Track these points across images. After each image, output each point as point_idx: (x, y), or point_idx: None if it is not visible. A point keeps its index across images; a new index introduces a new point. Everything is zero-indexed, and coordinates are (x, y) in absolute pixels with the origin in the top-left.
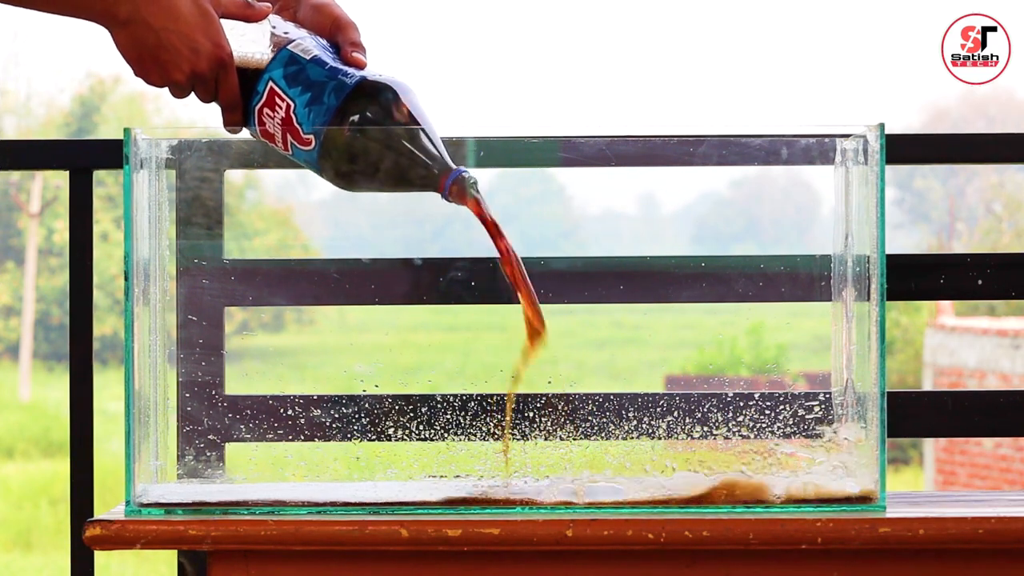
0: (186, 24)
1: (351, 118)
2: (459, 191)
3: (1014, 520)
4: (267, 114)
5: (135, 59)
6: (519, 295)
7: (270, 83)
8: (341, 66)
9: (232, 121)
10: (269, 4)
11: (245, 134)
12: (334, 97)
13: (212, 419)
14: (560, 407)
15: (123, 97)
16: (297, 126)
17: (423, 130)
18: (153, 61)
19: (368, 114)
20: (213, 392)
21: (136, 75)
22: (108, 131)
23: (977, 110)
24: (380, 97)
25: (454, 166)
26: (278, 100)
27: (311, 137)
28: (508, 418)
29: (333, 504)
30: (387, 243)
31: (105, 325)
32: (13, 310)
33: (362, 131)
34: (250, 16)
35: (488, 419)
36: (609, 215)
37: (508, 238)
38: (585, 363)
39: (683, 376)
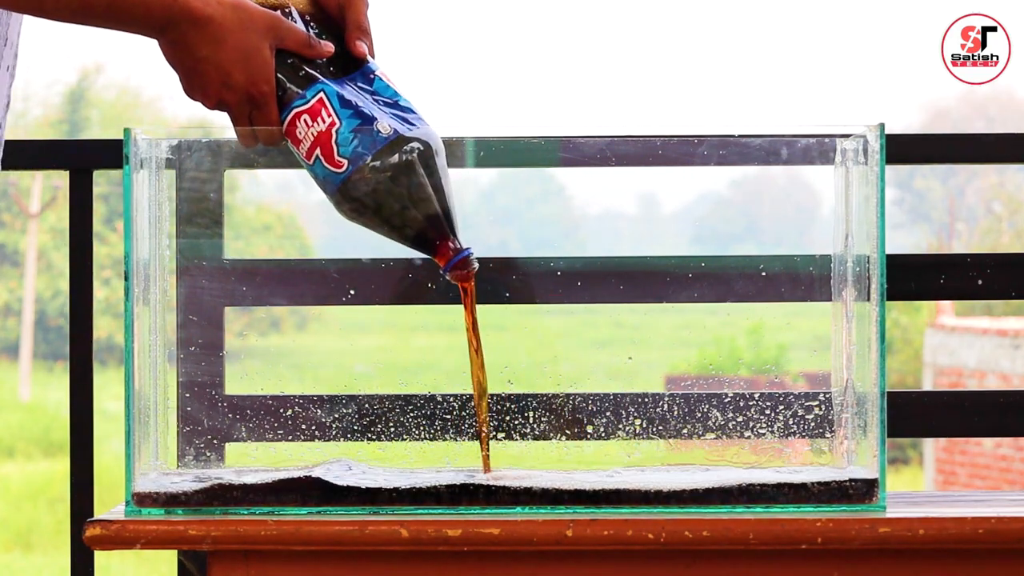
0: (225, 57)
1: (391, 161)
2: (462, 274)
3: (1014, 520)
4: (305, 121)
5: (175, 70)
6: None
7: (321, 94)
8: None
9: (252, 141)
10: (331, 44)
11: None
12: (383, 139)
13: (212, 419)
14: (557, 407)
15: (117, 90)
16: (334, 145)
17: (448, 199)
18: (187, 80)
19: (410, 167)
20: (213, 392)
21: (179, 82)
22: (100, 125)
23: (977, 110)
24: (425, 156)
25: (462, 245)
26: (324, 114)
27: (344, 162)
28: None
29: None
30: (387, 243)
31: (99, 328)
32: (12, 310)
33: (395, 183)
34: (309, 55)
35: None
36: (609, 215)
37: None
38: (585, 363)
39: (683, 376)
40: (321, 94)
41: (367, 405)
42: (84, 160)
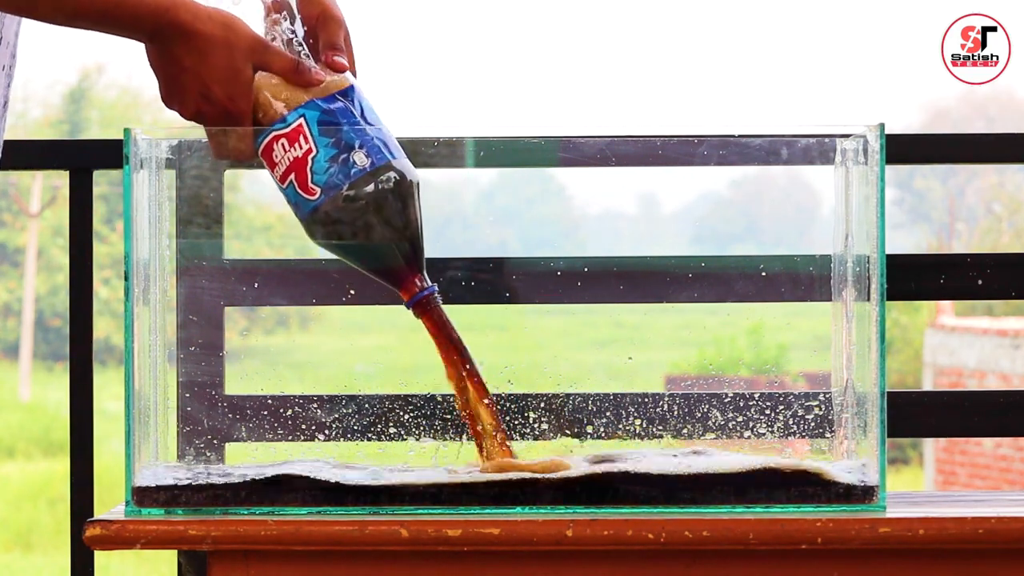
0: (207, 72)
1: (366, 191)
2: (422, 312)
3: (1014, 520)
4: (282, 145)
5: (156, 76)
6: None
7: (302, 119)
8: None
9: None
10: (322, 75)
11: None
12: (357, 170)
13: (212, 419)
14: (557, 408)
15: (118, 90)
16: (308, 173)
17: (418, 233)
18: (167, 87)
19: (381, 200)
20: (213, 392)
21: (159, 88)
22: (100, 125)
23: (977, 110)
24: (400, 190)
25: (428, 283)
26: (302, 140)
27: (317, 190)
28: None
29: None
30: None
31: (99, 328)
32: (12, 310)
33: (368, 214)
34: (294, 82)
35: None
36: (609, 215)
37: (470, 358)
38: (585, 363)
39: (683, 376)
40: (301, 119)
41: (367, 405)
42: (84, 160)
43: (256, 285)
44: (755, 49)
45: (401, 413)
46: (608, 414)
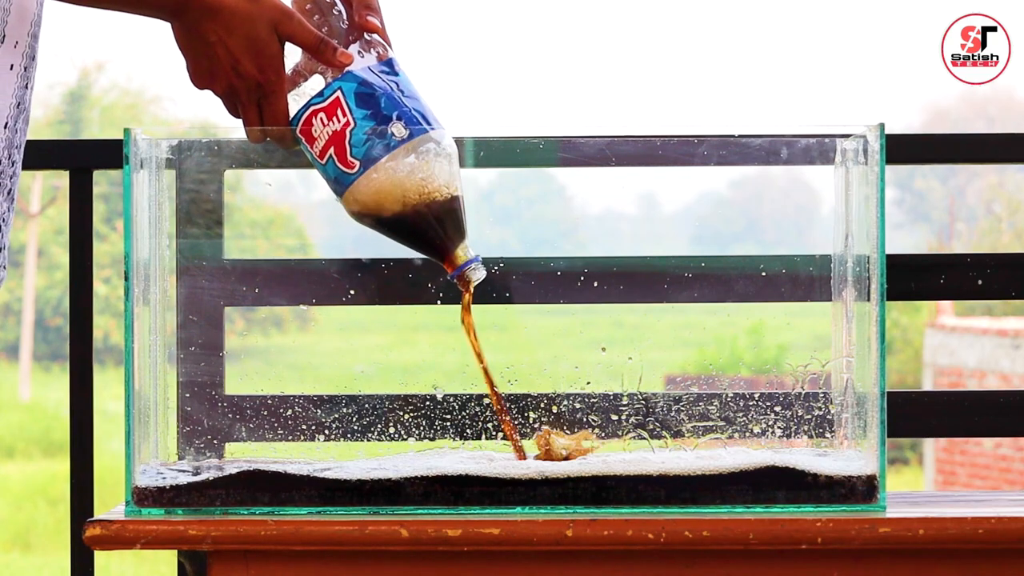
0: (235, 44)
1: (405, 162)
2: (466, 281)
3: (1014, 520)
4: (321, 119)
5: (185, 56)
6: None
7: (338, 92)
8: (412, 110)
9: (262, 138)
10: (350, 55)
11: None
12: (396, 142)
13: (212, 419)
14: (557, 407)
15: (118, 90)
16: (347, 146)
17: (459, 204)
18: (197, 65)
19: (421, 171)
20: (213, 392)
21: (187, 69)
22: (100, 125)
23: (977, 110)
24: (439, 160)
25: (471, 253)
26: (339, 113)
27: (356, 163)
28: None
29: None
30: (387, 243)
31: (99, 328)
32: (12, 310)
33: (407, 184)
34: (317, 60)
35: (487, 419)
36: (609, 215)
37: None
38: (585, 363)
39: (683, 376)
40: (338, 92)
41: (367, 405)
42: (84, 160)
43: (256, 286)
44: (755, 49)
45: (401, 413)
46: (608, 414)
